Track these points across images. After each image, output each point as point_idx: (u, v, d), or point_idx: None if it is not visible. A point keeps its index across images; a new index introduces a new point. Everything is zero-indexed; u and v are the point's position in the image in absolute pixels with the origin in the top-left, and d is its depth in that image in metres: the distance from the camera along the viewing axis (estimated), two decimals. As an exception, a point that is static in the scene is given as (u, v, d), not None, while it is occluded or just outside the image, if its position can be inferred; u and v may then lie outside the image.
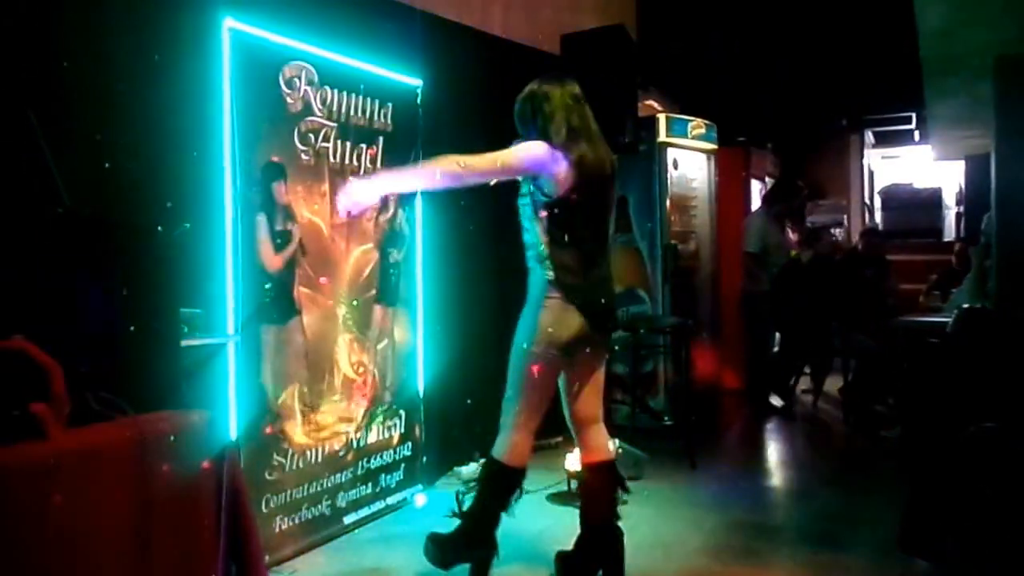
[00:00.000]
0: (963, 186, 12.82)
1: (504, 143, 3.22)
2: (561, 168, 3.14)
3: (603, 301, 3.31)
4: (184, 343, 3.18)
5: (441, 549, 3.37)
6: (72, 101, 2.94)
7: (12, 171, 2.77)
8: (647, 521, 4.21)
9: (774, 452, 6.09)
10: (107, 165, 3.03)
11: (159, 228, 3.07)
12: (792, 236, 7.77)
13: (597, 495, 3.46)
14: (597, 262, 3.29)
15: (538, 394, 3.32)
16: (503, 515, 3.38)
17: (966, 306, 5.28)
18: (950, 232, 14.06)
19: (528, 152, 3.16)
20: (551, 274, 3.19)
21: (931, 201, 14.47)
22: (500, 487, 3.37)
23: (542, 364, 3.23)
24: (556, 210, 3.17)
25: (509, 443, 3.35)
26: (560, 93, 3.32)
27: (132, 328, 2.97)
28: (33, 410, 2.47)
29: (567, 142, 3.18)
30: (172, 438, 2.85)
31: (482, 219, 4.96)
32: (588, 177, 3.19)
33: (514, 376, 3.32)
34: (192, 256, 3.24)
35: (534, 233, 3.23)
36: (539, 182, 3.18)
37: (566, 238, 3.18)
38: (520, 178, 3.25)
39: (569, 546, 3.46)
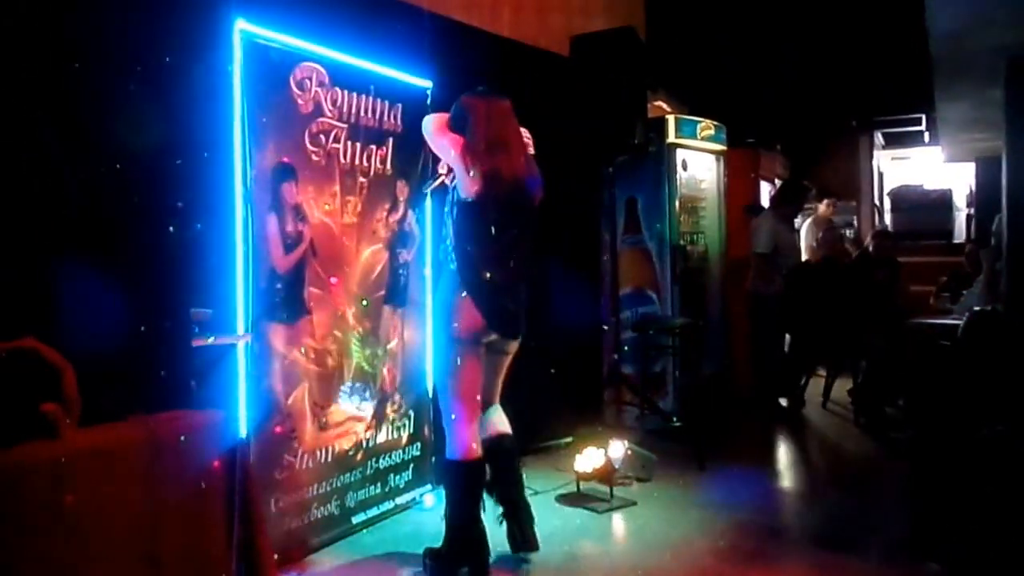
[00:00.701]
0: (974, 188, 12.78)
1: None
2: (470, 174, 3.41)
3: (506, 306, 3.52)
4: (195, 343, 3.19)
5: (437, 563, 3.51)
6: (84, 102, 2.95)
7: (24, 172, 2.78)
8: (656, 522, 4.21)
9: (783, 453, 6.07)
10: (118, 166, 3.04)
11: (170, 229, 3.09)
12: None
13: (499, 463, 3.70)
14: (505, 267, 3.49)
15: (463, 382, 3.52)
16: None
17: (977, 308, 5.27)
18: (960, 234, 14.01)
19: (446, 139, 3.51)
20: (453, 266, 3.50)
21: (941, 203, 14.43)
22: (467, 485, 3.53)
23: (459, 354, 3.50)
24: (462, 211, 3.47)
25: (456, 440, 3.54)
26: (486, 107, 3.53)
27: (143, 328, 2.99)
28: (45, 410, 2.49)
29: (481, 153, 3.43)
30: (183, 437, 2.87)
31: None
32: (498, 188, 3.44)
33: (437, 369, 3.65)
34: (203, 256, 3.25)
35: (447, 228, 3.53)
36: (455, 183, 3.50)
37: (471, 237, 3.46)
38: (447, 180, 3.60)
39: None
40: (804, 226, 8.62)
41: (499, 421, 3.76)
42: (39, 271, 2.79)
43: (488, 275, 3.44)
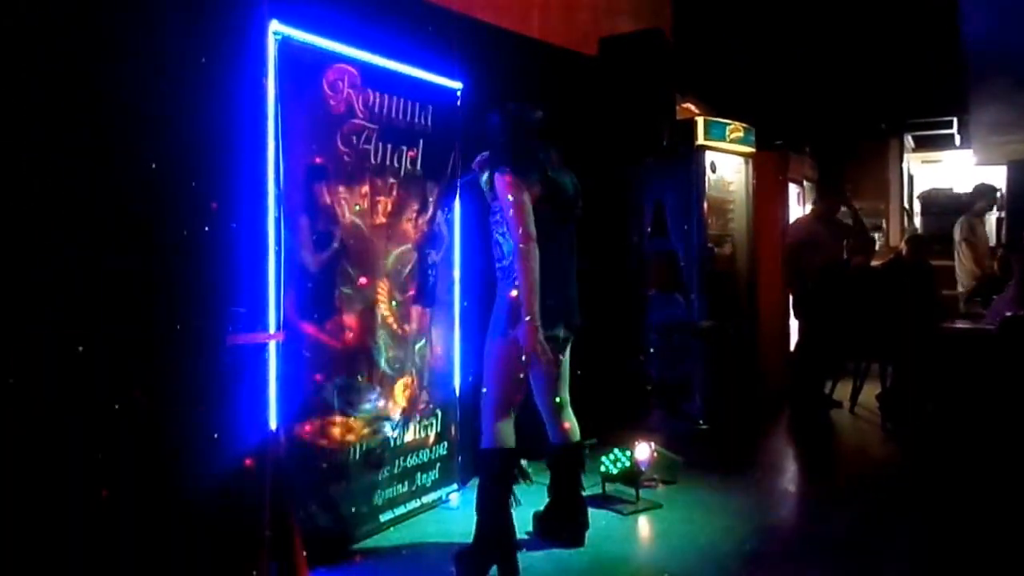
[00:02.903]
0: (1005, 192, 12.64)
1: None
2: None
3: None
4: (228, 341, 3.23)
5: (466, 562, 3.53)
6: (119, 103, 2.99)
7: (60, 173, 2.82)
8: (681, 525, 4.21)
9: (810, 458, 6.04)
10: (153, 166, 3.08)
11: (206, 228, 3.13)
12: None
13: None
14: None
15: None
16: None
17: (1009, 314, 5.23)
18: (991, 238, 13.86)
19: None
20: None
21: (971, 206, 14.26)
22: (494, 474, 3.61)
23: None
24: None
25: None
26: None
27: (179, 326, 3.03)
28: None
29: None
30: (216, 435, 2.91)
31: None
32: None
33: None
34: (236, 256, 3.29)
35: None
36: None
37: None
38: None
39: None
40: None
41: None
42: (77, 270, 2.83)
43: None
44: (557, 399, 3.91)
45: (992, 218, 14.12)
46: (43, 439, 2.68)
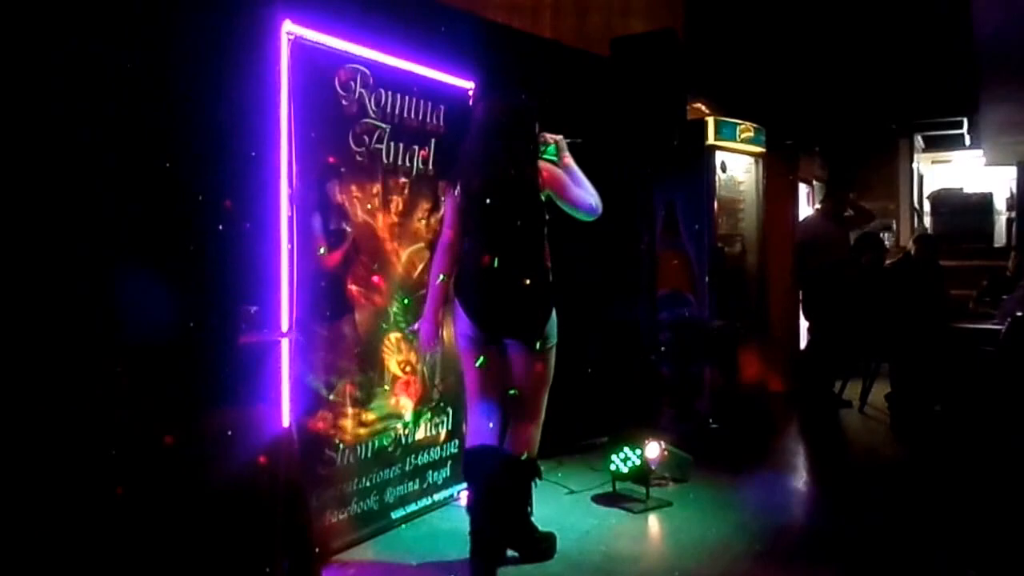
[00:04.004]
0: (1015, 191, 12.61)
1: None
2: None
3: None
4: (241, 339, 3.25)
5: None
6: (132, 102, 3.02)
7: (76, 174, 2.85)
8: (692, 523, 4.22)
9: (820, 457, 6.04)
10: (167, 165, 3.11)
11: (219, 227, 3.15)
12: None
13: None
14: None
15: None
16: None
17: (1020, 314, 5.22)
18: (1000, 238, 13.83)
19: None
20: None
21: (981, 206, 14.25)
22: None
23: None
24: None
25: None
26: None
27: (192, 324, 3.05)
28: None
29: None
30: (230, 433, 2.93)
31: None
32: None
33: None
34: (250, 255, 3.31)
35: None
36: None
37: None
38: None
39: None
40: None
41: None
42: (93, 269, 2.85)
43: None
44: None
45: (1003, 219, 14.10)
46: (58, 436, 2.70)
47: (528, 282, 3.49)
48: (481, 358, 3.62)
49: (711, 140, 6.22)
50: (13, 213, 2.70)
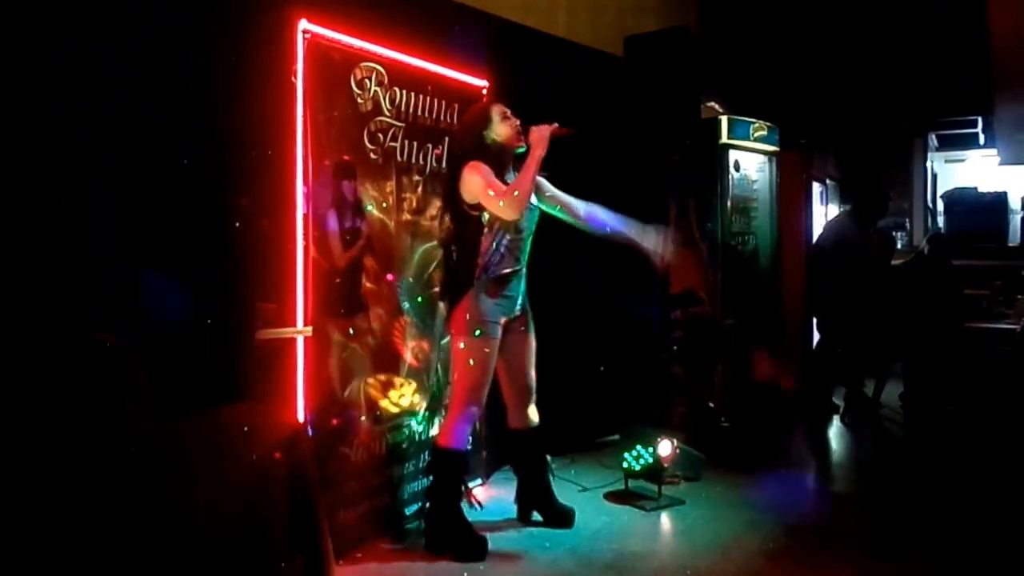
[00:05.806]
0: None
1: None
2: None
3: None
4: (257, 336, 3.27)
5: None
6: (149, 100, 3.04)
7: (92, 171, 2.87)
8: (704, 522, 4.22)
9: (834, 456, 6.04)
10: (185, 162, 3.13)
11: (236, 225, 3.17)
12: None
13: None
14: None
15: None
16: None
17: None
18: (1015, 237, 13.75)
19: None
20: None
21: (995, 206, 14.16)
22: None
23: None
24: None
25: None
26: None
27: (209, 321, 3.08)
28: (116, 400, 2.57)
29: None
30: (246, 429, 2.94)
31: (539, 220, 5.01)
32: None
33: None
34: (266, 252, 3.33)
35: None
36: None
37: None
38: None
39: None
40: None
41: None
42: (109, 266, 2.88)
43: None
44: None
45: (1017, 218, 14.02)
46: (71, 431, 2.72)
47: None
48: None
49: (725, 139, 6.21)
50: (42, 211, 2.73)
